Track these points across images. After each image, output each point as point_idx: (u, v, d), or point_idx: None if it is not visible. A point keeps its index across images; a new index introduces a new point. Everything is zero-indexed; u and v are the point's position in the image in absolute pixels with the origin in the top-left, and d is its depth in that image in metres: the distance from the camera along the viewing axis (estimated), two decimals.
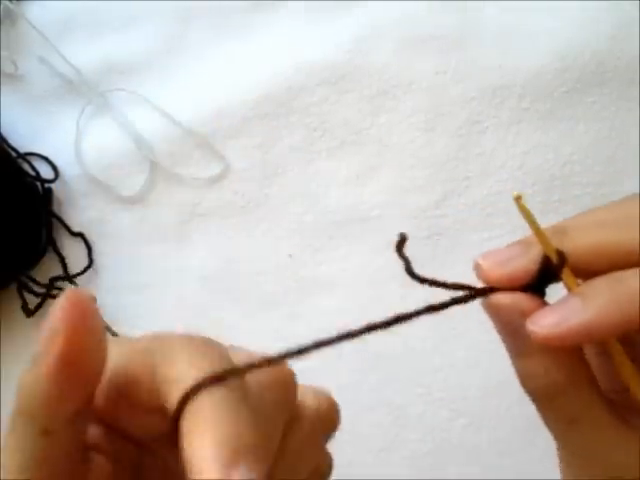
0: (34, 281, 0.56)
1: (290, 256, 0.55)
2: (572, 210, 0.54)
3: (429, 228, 0.55)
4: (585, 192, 0.54)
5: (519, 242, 0.26)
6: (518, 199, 0.24)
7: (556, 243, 0.25)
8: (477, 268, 0.26)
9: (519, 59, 0.54)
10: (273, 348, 0.28)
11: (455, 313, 0.53)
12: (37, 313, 0.56)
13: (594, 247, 0.24)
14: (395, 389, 0.53)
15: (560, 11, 0.54)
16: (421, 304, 0.28)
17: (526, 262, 0.25)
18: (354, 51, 0.55)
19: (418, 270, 0.26)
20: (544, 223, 0.25)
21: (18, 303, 0.56)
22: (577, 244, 0.24)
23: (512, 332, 0.24)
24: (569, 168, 0.54)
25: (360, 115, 0.55)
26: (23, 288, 0.55)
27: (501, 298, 0.24)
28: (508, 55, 0.54)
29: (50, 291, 0.56)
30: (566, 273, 0.24)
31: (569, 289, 0.24)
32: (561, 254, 0.24)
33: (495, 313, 0.25)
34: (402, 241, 0.27)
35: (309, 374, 0.29)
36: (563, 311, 0.23)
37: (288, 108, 0.56)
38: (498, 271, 0.25)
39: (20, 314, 0.56)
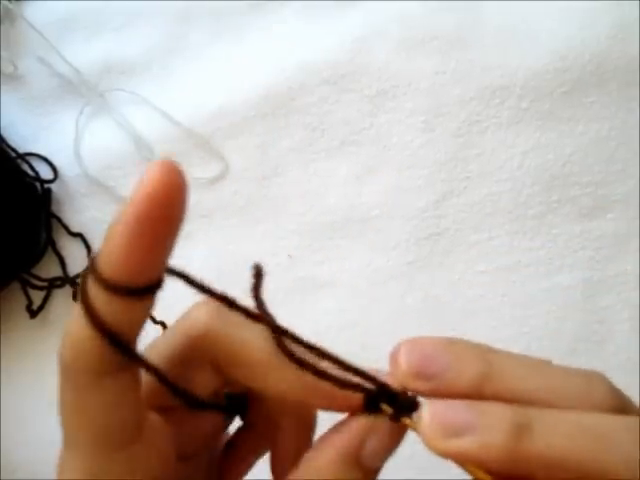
0: (37, 278, 0.55)
1: (290, 256, 0.55)
2: (572, 210, 0.54)
3: (429, 228, 0.55)
4: (585, 192, 0.54)
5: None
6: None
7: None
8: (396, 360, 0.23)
9: (519, 59, 0.54)
10: None
11: (455, 313, 0.53)
12: (39, 314, 0.56)
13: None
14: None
15: (560, 11, 0.54)
16: (421, 304, 0.29)
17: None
18: (354, 51, 0.55)
19: (418, 270, 0.26)
20: (544, 223, 0.25)
21: (18, 303, 0.56)
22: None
23: None
24: (569, 168, 0.54)
25: (360, 115, 0.55)
26: (27, 285, 0.55)
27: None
28: (508, 55, 0.54)
29: (50, 291, 0.56)
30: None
31: None
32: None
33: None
34: (258, 276, 0.24)
35: None
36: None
37: (288, 108, 0.55)
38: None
39: (20, 314, 0.56)
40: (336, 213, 0.55)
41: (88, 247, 0.56)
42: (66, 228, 0.56)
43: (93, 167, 0.56)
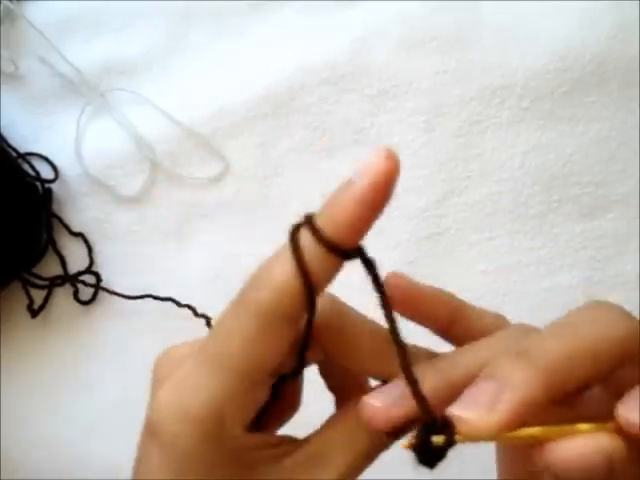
0: (38, 277, 0.55)
1: None
2: (572, 210, 0.54)
3: (430, 228, 0.55)
4: (585, 192, 0.54)
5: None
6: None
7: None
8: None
9: (519, 59, 0.54)
10: None
11: None
12: (40, 314, 0.56)
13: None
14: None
15: (560, 11, 0.54)
16: None
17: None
18: (354, 51, 0.55)
19: (419, 269, 0.26)
20: (544, 223, 0.25)
21: (19, 303, 0.56)
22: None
23: None
24: (569, 168, 0.54)
25: (360, 115, 0.55)
26: (27, 285, 0.55)
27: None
28: (508, 55, 0.54)
29: (51, 291, 0.56)
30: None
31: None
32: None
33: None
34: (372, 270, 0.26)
35: (309, 375, 0.29)
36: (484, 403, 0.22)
37: (288, 108, 0.55)
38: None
39: (21, 314, 0.56)
40: None
41: (89, 246, 0.56)
42: (67, 228, 0.56)
43: (94, 167, 0.56)
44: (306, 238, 0.24)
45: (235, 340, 0.24)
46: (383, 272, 0.26)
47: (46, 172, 0.56)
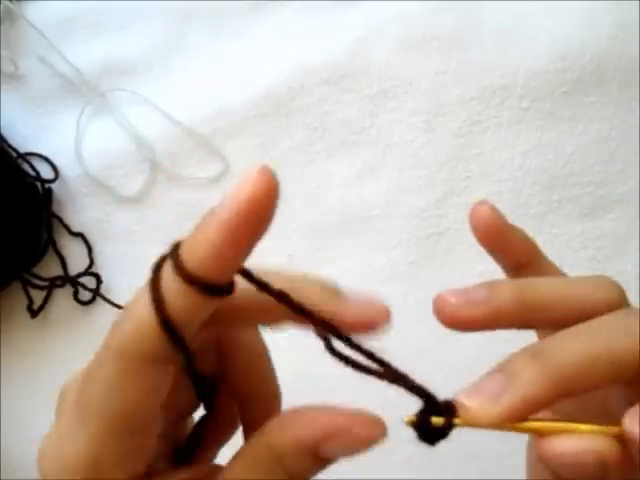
0: (38, 277, 0.55)
1: (290, 256, 0.55)
2: (572, 210, 0.54)
3: (430, 228, 0.55)
4: (585, 192, 0.54)
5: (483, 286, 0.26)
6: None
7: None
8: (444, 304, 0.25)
9: (519, 59, 0.54)
10: (273, 347, 0.28)
11: None
12: (40, 314, 0.56)
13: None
14: (395, 389, 0.53)
15: (560, 11, 0.54)
16: (422, 304, 0.29)
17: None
18: (354, 51, 0.55)
19: (419, 269, 0.26)
20: (544, 223, 0.25)
21: (19, 303, 0.56)
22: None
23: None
24: (569, 168, 0.54)
25: (360, 115, 0.55)
26: (27, 285, 0.55)
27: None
28: (508, 55, 0.54)
29: (51, 291, 0.56)
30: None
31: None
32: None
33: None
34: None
35: (309, 374, 0.29)
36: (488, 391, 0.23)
37: (288, 108, 0.56)
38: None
39: (21, 314, 0.56)
40: (337, 213, 0.55)
41: (89, 247, 0.56)
42: (67, 228, 0.56)
43: (94, 167, 0.56)
44: (168, 270, 0.21)
45: (96, 387, 0.22)
46: (381, 273, 0.25)
47: (46, 172, 0.56)
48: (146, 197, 0.57)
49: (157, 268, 0.21)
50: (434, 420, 0.23)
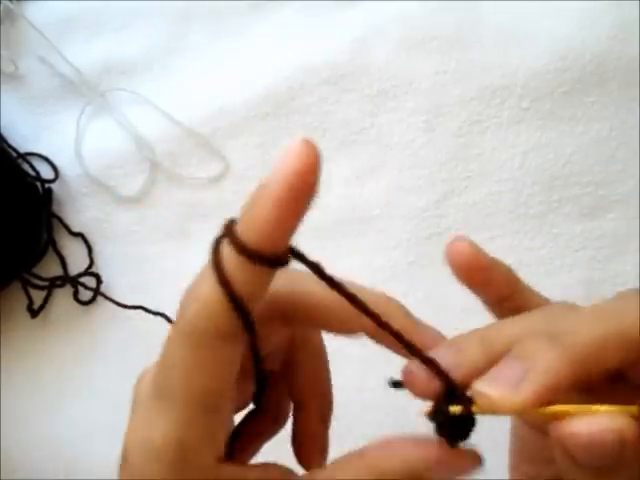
0: (38, 277, 0.55)
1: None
2: (572, 210, 0.54)
3: (430, 228, 0.55)
4: (585, 192, 0.54)
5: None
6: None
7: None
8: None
9: (519, 59, 0.54)
10: None
11: (457, 312, 0.53)
12: (40, 314, 0.56)
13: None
14: (395, 389, 0.53)
15: (560, 11, 0.54)
16: (422, 304, 0.29)
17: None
18: (354, 51, 0.55)
19: (419, 269, 0.26)
20: (544, 223, 0.25)
21: (19, 303, 0.56)
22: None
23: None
24: (569, 168, 0.54)
25: (360, 115, 0.55)
26: (27, 285, 0.55)
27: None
28: (508, 55, 0.54)
29: (51, 291, 0.56)
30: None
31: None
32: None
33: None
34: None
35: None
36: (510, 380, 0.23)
37: (288, 108, 0.56)
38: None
39: (21, 314, 0.56)
40: (337, 213, 0.55)
41: (89, 247, 0.56)
42: (67, 228, 0.57)
43: (94, 167, 0.57)
44: (227, 248, 0.22)
45: (176, 371, 0.23)
46: (381, 273, 0.25)
47: (46, 172, 0.56)
48: (146, 197, 0.57)
49: (216, 248, 0.23)
50: (452, 409, 0.23)
